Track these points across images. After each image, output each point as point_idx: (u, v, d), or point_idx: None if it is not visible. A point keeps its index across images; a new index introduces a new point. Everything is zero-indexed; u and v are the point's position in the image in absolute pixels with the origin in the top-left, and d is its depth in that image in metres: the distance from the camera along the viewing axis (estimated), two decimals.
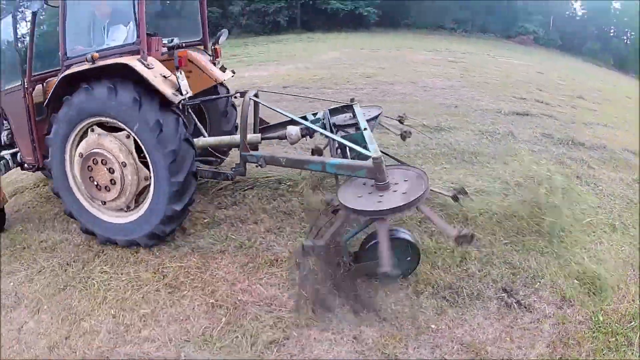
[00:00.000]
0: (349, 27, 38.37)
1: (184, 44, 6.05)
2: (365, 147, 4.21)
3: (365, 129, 4.67)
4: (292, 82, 12.11)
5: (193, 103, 5.70)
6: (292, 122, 4.98)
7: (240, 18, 40.91)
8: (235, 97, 5.35)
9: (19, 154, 6.01)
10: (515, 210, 4.89)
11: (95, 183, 4.90)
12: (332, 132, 4.89)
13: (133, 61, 4.41)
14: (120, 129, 4.71)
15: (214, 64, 6.07)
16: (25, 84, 5.38)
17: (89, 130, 4.90)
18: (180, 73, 4.67)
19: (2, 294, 5.08)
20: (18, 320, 4.60)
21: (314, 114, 5.20)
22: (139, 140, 4.60)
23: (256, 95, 5.29)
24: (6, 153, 6.13)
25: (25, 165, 5.95)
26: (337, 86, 11.24)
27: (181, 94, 4.54)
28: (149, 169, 4.73)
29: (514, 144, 7.19)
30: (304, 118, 5.11)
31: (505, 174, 5.88)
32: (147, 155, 4.60)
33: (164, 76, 4.54)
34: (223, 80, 6.04)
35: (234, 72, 6.40)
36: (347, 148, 4.46)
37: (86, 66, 4.54)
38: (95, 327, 4.13)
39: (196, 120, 5.90)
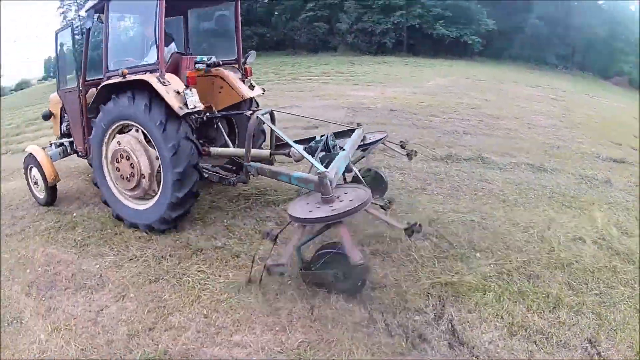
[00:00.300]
0: (453, 54, 37.92)
1: (220, 62, 6.63)
2: (328, 164, 4.66)
3: (343, 149, 5.10)
4: (399, 107, 11.99)
5: (215, 116, 6.38)
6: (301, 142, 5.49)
7: (347, 36, 41.24)
8: (248, 114, 5.53)
9: (74, 143, 7.32)
10: (609, 261, 4.86)
11: (121, 174, 5.85)
12: (329, 152, 5.23)
13: (152, 78, 5.25)
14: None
15: (244, 82, 6.61)
16: (80, 87, 6.46)
17: (117, 132, 5.90)
18: (190, 90, 5.36)
19: (86, 274, 5.22)
20: (99, 302, 4.65)
21: (321, 136, 5.47)
22: (150, 138, 5.47)
23: (271, 114, 6.02)
24: (66, 140, 7.58)
25: (79, 153, 7.16)
26: (444, 115, 11.13)
27: (187, 108, 5.22)
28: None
29: (611, 192, 7.07)
30: (313, 139, 5.53)
31: (601, 223, 5.79)
32: (157, 151, 5.43)
33: (177, 91, 5.27)
34: (249, 97, 6.50)
35: (264, 90, 6.97)
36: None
37: (118, 79, 5.51)
38: (184, 324, 4.08)
39: (223, 132, 6.60)
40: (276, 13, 49.45)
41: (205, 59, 6.46)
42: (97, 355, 3.89)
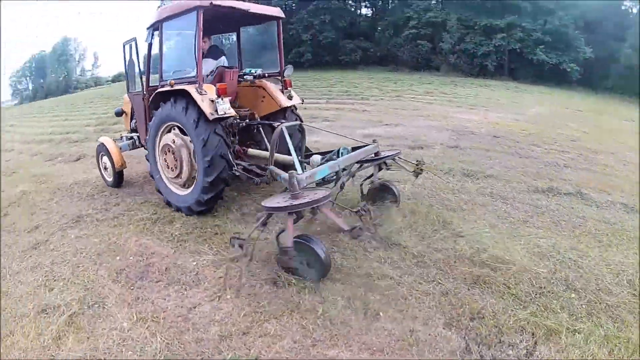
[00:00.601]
0: (551, 81, 36.92)
1: (266, 74, 7.78)
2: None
3: (333, 158, 5.94)
4: (503, 133, 11.92)
5: (252, 123, 7.41)
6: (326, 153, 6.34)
7: (450, 56, 40.93)
8: (277, 125, 6.42)
9: (140, 138, 8.51)
10: None
11: (167, 165, 6.98)
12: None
13: (192, 89, 6.26)
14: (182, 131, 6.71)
15: (283, 92, 7.54)
16: (144, 91, 7.58)
17: (165, 132, 7.00)
18: (222, 99, 6.31)
19: (181, 270, 5.29)
20: (192, 299, 4.69)
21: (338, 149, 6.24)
22: (188, 134, 6.50)
23: (301, 127, 7.09)
24: (135, 135, 8.90)
25: (144, 146, 8.00)
26: (545, 145, 10.98)
27: (217, 114, 6.17)
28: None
29: None
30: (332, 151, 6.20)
31: None
32: (193, 144, 6.44)
33: (211, 100, 6.24)
34: (286, 105, 7.41)
35: (302, 101, 7.89)
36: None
37: (167, 88, 6.60)
38: (280, 332, 4.04)
39: (264, 136, 7.61)
40: (379, 28, 49.68)
41: (253, 71, 7.85)
42: (183, 351, 3.94)
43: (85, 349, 4.11)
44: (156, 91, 7.00)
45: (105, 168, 8.99)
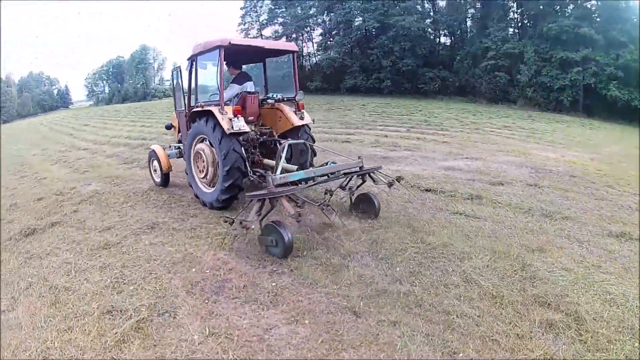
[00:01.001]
0: (624, 118, 35.44)
1: (285, 98, 9.25)
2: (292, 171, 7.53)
3: (311, 166, 8.36)
4: (579, 173, 11.73)
5: (268, 139, 8.91)
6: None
7: (527, 89, 40.19)
8: (280, 143, 8.27)
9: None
10: None
11: (198, 167, 8.71)
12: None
13: (215, 110, 7.86)
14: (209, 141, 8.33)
15: (296, 114, 8.93)
16: (186, 109, 9.17)
17: (199, 142, 8.71)
18: (238, 118, 7.85)
19: (259, 289, 5.29)
20: (268, 320, 4.63)
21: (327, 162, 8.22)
22: (214, 146, 8.09)
23: (305, 144, 8.53)
24: (181, 145, 10.35)
25: None
26: (619, 187, 10.72)
27: (233, 129, 7.69)
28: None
29: None
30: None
31: None
32: (217, 155, 8.02)
33: (229, 119, 7.78)
34: (298, 124, 8.82)
35: (313, 120, 9.28)
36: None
37: (199, 109, 8.35)
38: None
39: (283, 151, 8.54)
40: (458, 58, 49.41)
41: (275, 96, 9.42)
42: None
43: (151, 356, 4.15)
44: (192, 110, 8.70)
45: (155, 170, 10.89)
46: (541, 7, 42.09)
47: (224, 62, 8.45)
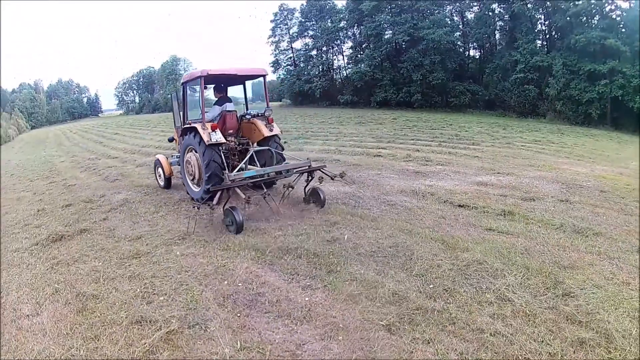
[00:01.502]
0: None
1: (259, 114, 10.95)
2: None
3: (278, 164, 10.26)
4: (609, 188, 11.53)
5: (244, 147, 10.89)
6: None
7: (556, 102, 39.78)
8: (250, 149, 10.55)
9: None
10: None
11: (188, 171, 10.50)
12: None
13: (199, 125, 9.63)
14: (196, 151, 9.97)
15: (266, 126, 10.64)
16: (181, 126, 10.93)
17: (188, 151, 10.42)
18: (215, 132, 9.49)
19: (292, 304, 5.24)
20: (301, 336, 4.59)
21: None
22: (199, 155, 9.71)
23: (270, 151, 10.47)
24: (179, 154, 11.41)
25: None
26: None
27: (212, 140, 9.31)
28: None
29: None
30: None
31: None
32: (201, 162, 9.60)
33: (209, 132, 9.39)
34: (267, 135, 10.53)
35: (281, 131, 11.12)
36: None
37: (187, 126, 10.27)
38: None
39: (254, 155, 10.24)
40: (487, 71, 49.21)
41: (252, 112, 11.17)
42: None
43: None
44: (183, 127, 10.61)
45: (160, 175, 12.66)
46: (568, 18, 41.75)
47: (212, 86, 11.06)
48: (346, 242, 7.29)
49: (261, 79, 11.28)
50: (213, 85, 11.11)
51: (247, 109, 11.81)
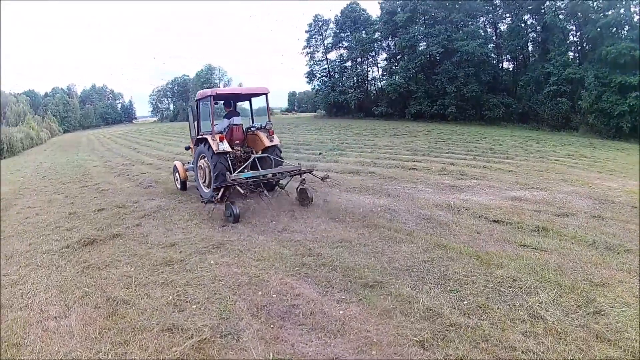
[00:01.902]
0: None
1: (261, 125, 12.58)
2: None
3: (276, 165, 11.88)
4: (636, 202, 11.26)
5: (248, 155, 12.33)
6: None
7: (589, 115, 38.96)
8: (252, 156, 12.15)
9: None
10: None
11: (200, 175, 11.92)
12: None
13: (209, 137, 11.19)
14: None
15: (267, 137, 12.13)
16: (196, 136, 12.37)
17: (200, 158, 11.85)
18: (223, 142, 11.06)
19: (326, 317, 5.17)
20: (335, 349, 4.52)
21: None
22: (209, 161, 11.16)
23: (270, 158, 11.98)
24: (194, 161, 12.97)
25: None
26: None
27: (219, 149, 10.87)
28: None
29: None
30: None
31: None
32: (210, 167, 11.10)
33: (217, 143, 10.90)
34: (268, 145, 12.03)
35: (281, 142, 12.71)
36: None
37: (200, 137, 11.82)
38: None
39: (257, 162, 11.82)
40: (520, 84, 48.68)
41: (257, 125, 12.75)
42: None
43: None
44: (197, 138, 12.11)
45: (177, 179, 14.09)
46: (599, 29, 40.92)
47: (222, 102, 12.90)
48: (381, 256, 7.25)
49: (263, 96, 12.89)
50: (222, 102, 12.98)
51: (252, 122, 13.43)
